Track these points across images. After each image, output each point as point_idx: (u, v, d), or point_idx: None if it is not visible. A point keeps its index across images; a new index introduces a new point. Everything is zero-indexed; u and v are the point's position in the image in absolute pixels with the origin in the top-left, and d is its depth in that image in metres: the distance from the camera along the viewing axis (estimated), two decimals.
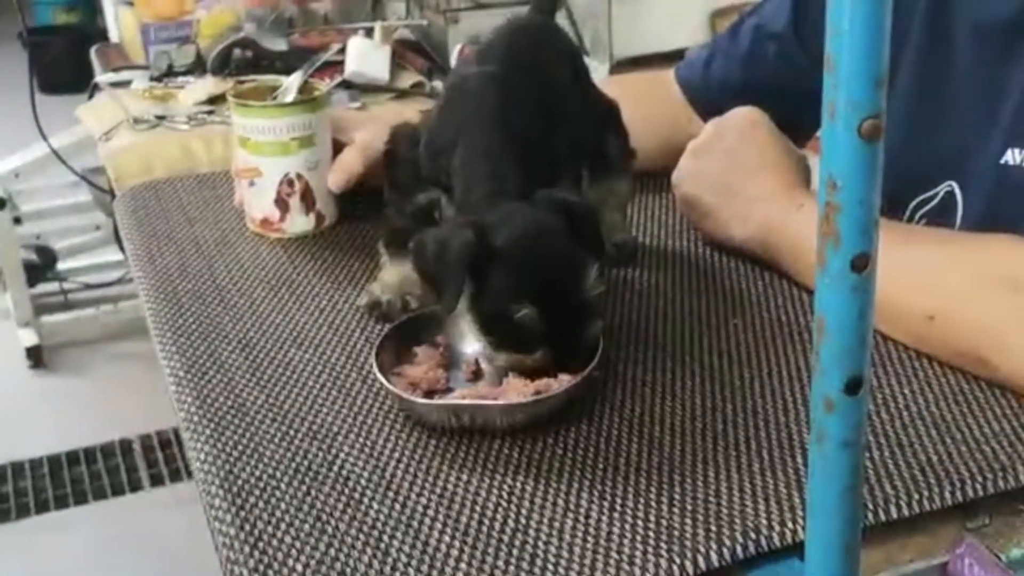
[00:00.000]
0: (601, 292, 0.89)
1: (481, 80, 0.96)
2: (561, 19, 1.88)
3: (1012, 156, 1.03)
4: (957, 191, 1.11)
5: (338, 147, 1.22)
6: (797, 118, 1.21)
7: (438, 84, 1.70)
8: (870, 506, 0.78)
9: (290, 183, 1.19)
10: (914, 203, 1.14)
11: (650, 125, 1.18)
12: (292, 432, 0.88)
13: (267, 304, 1.08)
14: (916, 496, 0.78)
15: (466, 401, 0.88)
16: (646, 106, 1.11)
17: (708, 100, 1.31)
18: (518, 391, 0.87)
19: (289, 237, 1.21)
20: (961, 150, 1.10)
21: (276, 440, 0.87)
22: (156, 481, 2.62)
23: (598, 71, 1.80)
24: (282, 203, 1.19)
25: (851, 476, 0.65)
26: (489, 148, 0.92)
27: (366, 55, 1.66)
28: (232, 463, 0.85)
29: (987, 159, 1.06)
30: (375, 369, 0.90)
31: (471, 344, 0.95)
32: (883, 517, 0.78)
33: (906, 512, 0.78)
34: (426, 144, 0.97)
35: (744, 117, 1.15)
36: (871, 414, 0.88)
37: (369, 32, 1.73)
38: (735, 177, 1.12)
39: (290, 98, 1.21)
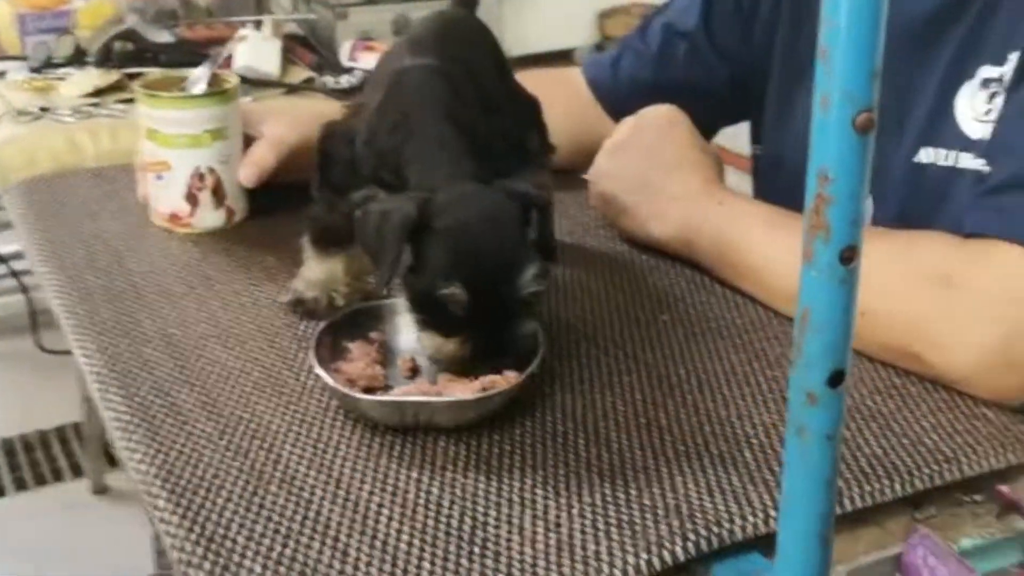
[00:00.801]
0: (537, 292, 0.86)
1: (424, 73, 0.94)
2: None
3: (926, 155, 1.06)
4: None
5: (247, 141, 1.19)
6: (706, 115, 1.22)
7: (329, 79, 1.67)
8: None
9: (201, 177, 1.15)
10: None
11: (559, 122, 1.18)
12: (230, 431, 0.86)
13: (185, 300, 1.04)
14: (868, 488, 0.80)
15: (413, 398, 0.86)
16: (555, 103, 1.10)
17: (617, 98, 1.32)
18: (464, 388, 0.86)
19: (198, 232, 1.17)
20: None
21: (215, 440, 0.84)
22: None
23: None
24: (192, 197, 1.16)
25: (830, 469, 0.65)
26: (444, 138, 0.90)
27: (256, 49, 1.62)
28: (171, 463, 0.82)
29: (899, 159, 1.09)
30: (316, 366, 0.88)
31: (407, 340, 0.93)
32: (836, 510, 0.79)
33: (859, 504, 0.79)
34: (366, 142, 0.94)
35: (662, 115, 1.16)
36: None
37: (258, 26, 1.69)
38: (654, 175, 1.13)
39: (199, 90, 1.17)
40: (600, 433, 0.86)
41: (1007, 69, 1.01)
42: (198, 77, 1.18)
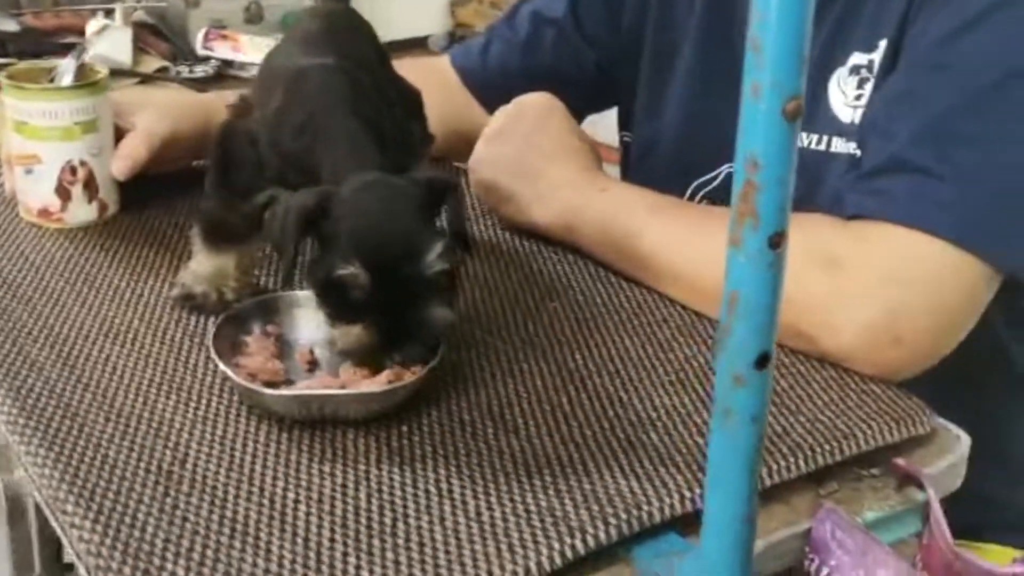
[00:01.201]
0: (441, 272, 0.84)
1: (324, 72, 0.92)
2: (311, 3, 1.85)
3: (801, 140, 1.10)
4: None
5: (117, 133, 1.16)
6: (575, 102, 1.24)
7: (183, 69, 1.63)
8: None
9: (72, 170, 1.11)
10: (696, 183, 1.20)
11: (431, 110, 1.18)
12: (131, 431, 0.83)
13: (66, 297, 1.01)
14: (775, 466, 0.82)
15: (319, 391, 0.85)
16: (425, 92, 1.10)
17: (487, 86, 1.33)
18: (368, 381, 0.85)
19: (70, 227, 1.13)
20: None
21: (117, 441, 0.82)
22: None
23: None
24: (63, 191, 1.12)
25: (755, 450, 0.67)
26: (352, 136, 0.89)
27: (107, 39, 1.57)
28: (76, 467, 0.79)
29: None
30: (218, 361, 0.86)
31: (305, 333, 0.92)
32: None
33: (768, 482, 0.81)
34: (271, 143, 0.92)
35: (540, 103, 1.17)
36: (708, 389, 0.91)
37: (108, 14, 1.64)
38: (534, 162, 1.14)
39: (67, 81, 1.13)
40: (507, 420, 0.87)
41: (876, 56, 1.05)
42: (65, 68, 1.14)
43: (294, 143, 0.91)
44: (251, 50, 1.63)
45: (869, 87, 1.06)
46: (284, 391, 0.86)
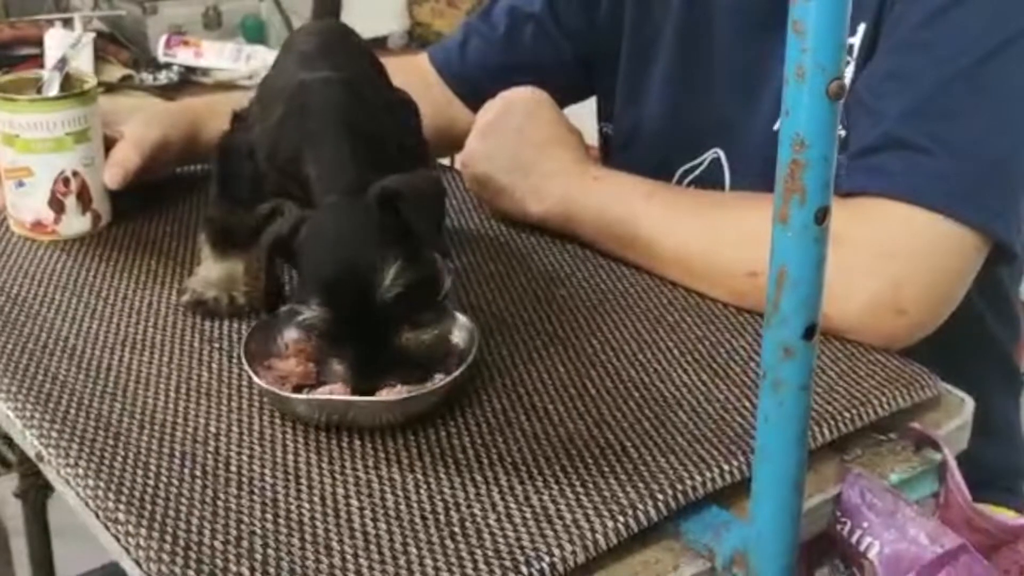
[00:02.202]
0: (401, 294, 0.83)
1: (323, 86, 0.93)
2: (269, 6, 1.85)
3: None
4: (723, 157, 1.20)
5: (106, 142, 1.15)
6: (554, 95, 1.25)
7: (147, 76, 1.62)
8: None
9: (65, 182, 1.11)
10: (681, 170, 1.22)
11: None
12: (168, 437, 0.84)
13: (76, 309, 1.01)
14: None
15: (337, 397, 0.85)
16: (407, 90, 1.11)
17: (467, 82, 1.34)
18: (392, 389, 0.85)
19: (64, 239, 1.12)
20: (726, 119, 1.19)
21: (156, 448, 0.83)
22: None
23: None
24: (57, 203, 1.11)
25: (804, 418, 0.70)
26: (342, 151, 0.89)
27: (67, 47, 1.55)
28: (119, 476, 0.79)
29: (755, 128, 1.16)
30: (245, 363, 0.87)
31: None
32: None
33: None
34: (269, 156, 0.93)
35: (528, 97, 1.19)
36: (724, 365, 0.94)
37: (66, 23, 1.62)
38: (527, 154, 1.16)
39: (54, 91, 1.12)
40: (538, 408, 0.88)
41: (856, 39, 1.08)
42: (50, 79, 1.13)
43: (289, 156, 0.91)
44: (213, 56, 1.63)
45: (850, 70, 1.09)
46: (304, 395, 0.87)
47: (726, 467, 0.81)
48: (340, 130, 0.90)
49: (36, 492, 1.51)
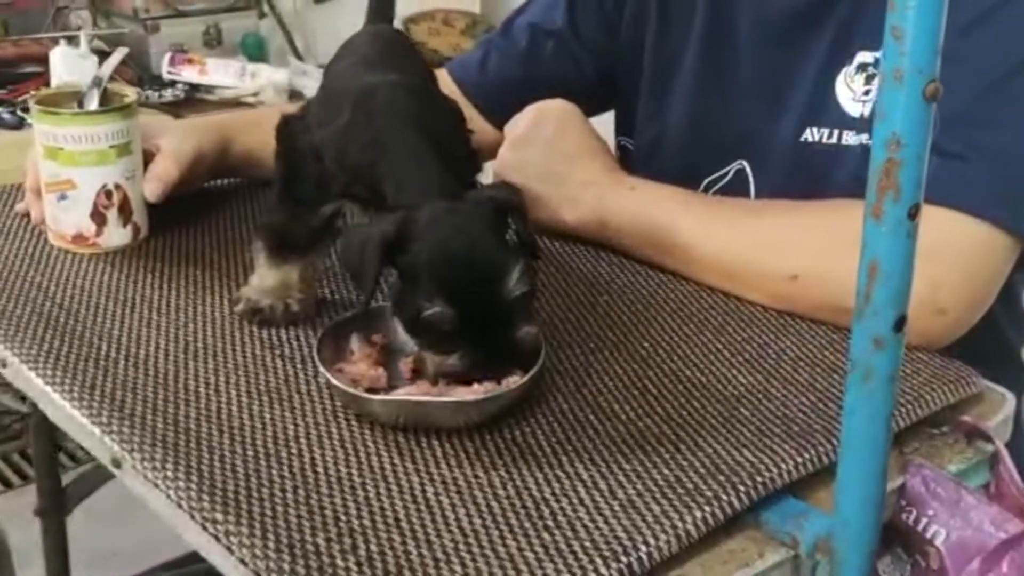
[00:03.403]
0: (525, 293, 0.87)
1: (391, 90, 0.95)
2: (272, 24, 1.87)
3: (811, 134, 1.17)
4: (748, 169, 1.23)
5: (144, 156, 1.16)
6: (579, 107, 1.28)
7: (152, 94, 1.63)
8: (829, 447, 0.86)
9: (108, 194, 1.12)
10: (706, 181, 1.25)
11: None
12: (249, 441, 0.85)
13: (131, 320, 1.02)
14: None
15: (415, 397, 0.87)
16: None
17: (488, 96, 1.37)
18: (466, 389, 0.87)
19: (105, 252, 1.13)
20: (750, 131, 1.22)
21: (239, 451, 0.84)
22: None
23: (314, 75, 1.80)
24: (99, 216, 1.12)
25: (890, 409, 0.73)
26: (418, 153, 0.91)
27: (73, 66, 1.56)
28: (209, 478, 0.80)
29: (781, 138, 1.19)
30: (320, 366, 0.88)
31: (409, 341, 0.93)
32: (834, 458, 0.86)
33: None
34: (337, 158, 0.94)
35: (559, 108, 1.22)
36: (775, 365, 0.97)
37: (70, 41, 1.63)
38: (560, 165, 1.18)
39: (93, 106, 1.13)
40: (605, 408, 0.91)
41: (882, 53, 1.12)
42: (90, 93, 1.14)
43: (360, 158, 0.93)
44: (218, 74, 1.64)
45: (877, 82, 1.13)
46: (382, 395, 0.88)
47: (799, 459, 0.84)
48: (416, 133, 0.92)
49: (55, 511, 1.50)
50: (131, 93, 1.15)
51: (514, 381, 0.87)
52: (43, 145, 1.10)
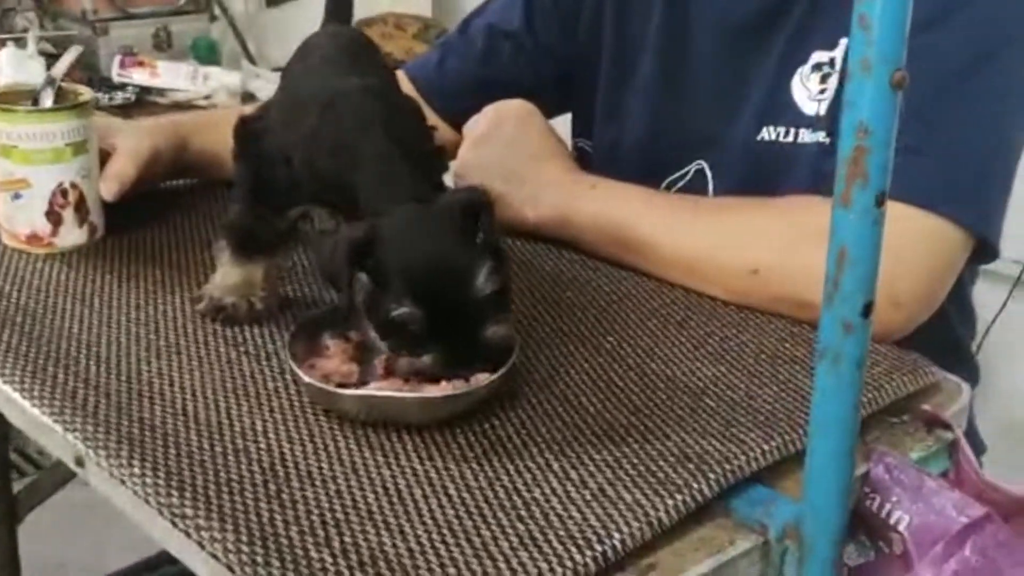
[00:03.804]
0: (494, 292, 0.87)
1: (359, 94, 0.95)
2: (223, 27, 1.85)
3: (768, 133, 1.18)
4: (707, 168, 1.24)
5: (101, 156, 1.15)
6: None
7: (102, 96, 1.61)
8: (795, 435, 0.87)
9: (64, 193, 1.10)
10: (666, 181, 1.26)
11: None
12: (217, 437, 0.85)
13: (91, 319, 1.01)
14: None
15: (383, 393, 0.87)
16: None
17: (445, 97, 1.37)
18: (436, 387, 0.87)
19: (60, 252, 1.12)
20: (708, 131, 1.24)
21: (207, 447, 0.84)
22: None
23: (269, 79, 1.79)
24: (55, 215, 1.11)
25: (859, 393, 0.74)
26: (386, 157, 0.91)
27: (21, 67, 1.54)
28: (178, 474, 0.80)
29: (738, 138, 1.20)
30: (291, 362, 0.88)
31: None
32: (802, 445, 0.87)
33: None
34: (306, 164, 0.94)
35: (519, 108, 1.23)
36: (736, 358, 0.98)
37: (18, 43, 1.61)
38: (521, 164, 1.19)
39: (49, 104, 1.12)
40: (573, 400, 0.91)
41: (837, 53, 1.14)
42: (44, 91, 1.13)
43: (330, 164, 0.92)
44: (169, 76, 1.63)
45: (832, 81, 1.15)
46: (350, 391, 0.88)
47: (766, 447, 0.85)
48: (385, 138, 0.92)
49: (7, 519, 1.47)
50: (86, 92, 1.14)
51: (484, 378, 0.87)
52: None
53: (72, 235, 1.12)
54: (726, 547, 0.78)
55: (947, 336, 1.27)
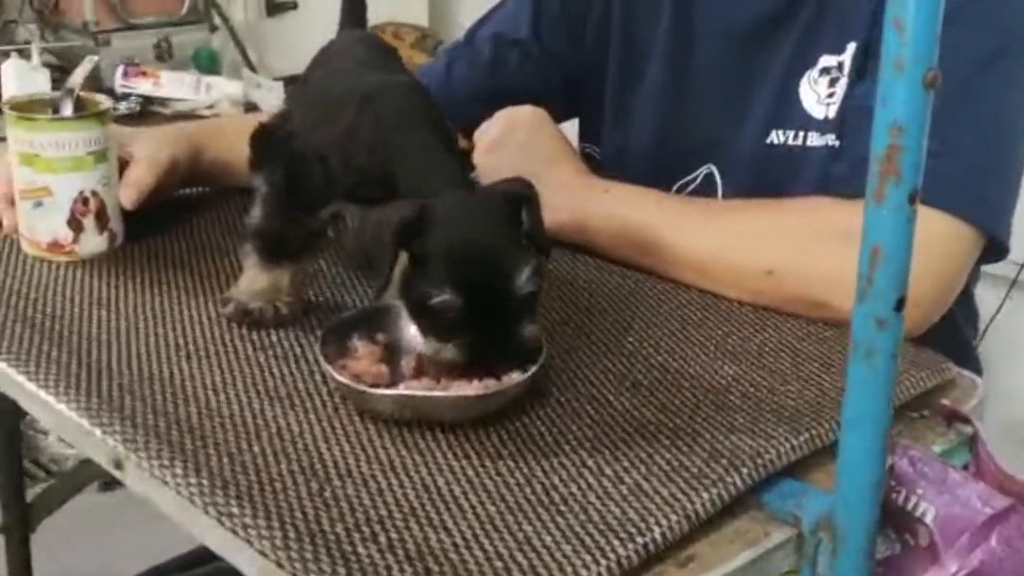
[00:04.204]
0: (532, 292, 0.88)
1: (398, 88, 0.96)
2: (224, 37, 1.86)
3: (776, 136, 1.20)
4: (716, 172, 1.26)
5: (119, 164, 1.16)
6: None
7: None
8: (822, 430, 0.89)
9: (85, 201, 1.11)
10: (676, 186, 1.28)
11: None
12: (255, 440, 0.86)
13: (119, 325, 1.02)
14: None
15: (417, 392, 0.88)
16: None
17: (453, 105, 1.37)
18: (468, 386, 0.88)
19: (81, 259, 1.13)
20: (717, 135, 1.26)
21: (246, 447, 0.85)
22: None
23: (270, 88, 1.80)
24: (76, 223, 1.11)
25: (892, 386, 0.76)
26: (430, 148, 0.93)
27: (25, 78, 1.55)
28: (220, 473, 0.81)
29: (746, 142, 1.23)
30: (324, 362, 0.89)
31: (414, 340, 0.94)
32: (830, 439, 0.89)
33: None
34: (343, 159, 0.94)
35: (530, 114, 1.25)
36: (757, 356, 1.00)
37: (21, 54, 1.61)
38: (535, 168, 1.20)
39: (68, 112, 1.12)
40: (600, 398, 0.93)
41: (845, 57, 1.17)
42: (63, 100, 1.14)
43: (370, 158, 0.93)
44: (172, 86, 1.64)
45: (840, 85, 1.17)
46: (385, 391, 0.89)
47: (795, 442, 0.87)
48: (427, 130, 0.94)
49: (19, 527, 1.47)
50: (104, 101, 1.15)
51: (516, 377, 0.88)
52: (18, 152, 1.10)
53: (93, 243, 1.13)
54: (762, 539, 0.80)
55: (954, 335, 1.29)
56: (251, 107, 1.72)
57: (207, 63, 1.89)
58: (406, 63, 1.26)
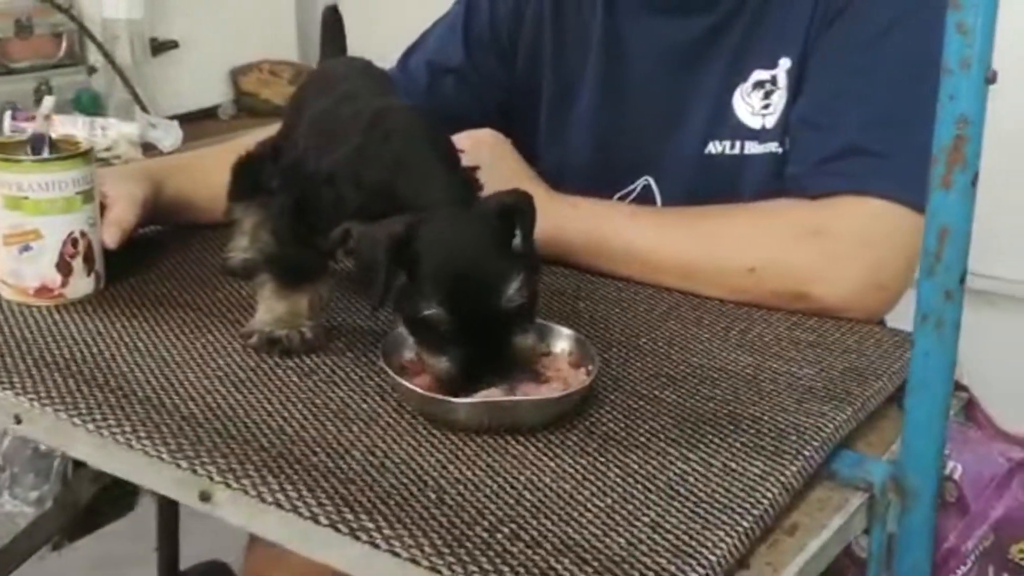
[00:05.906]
0: (522, 303, 0.91)
1: (403, 111, 1.00)
2: (105, 78, 1.80)
3: (714, 147, 1.29)
4: (653, 184, 1.34)
5: None
6: None
7: None
8: (857, 405, 0.97)
9: (74, 243, 1.09)
10: (615, 197, 1.35)
11: None
12: (345, 456, 0.87)
13: (150, 362, 1.00)
14: (867, 392, 0.99)
15: (503, 399, 0.91)
16: None
17: None
18: (537, 391, 0.93)
19: (68, 302, 1.10)
20: (652, 148, 1.33)
21: (344, 467, 0.86)
22: None
23: (167, 127, 1.76)
24: (65, 265, 1.09)
25: (955, 351, 0.85)
26: (434, 165, 0.96)
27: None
28: (338, 494, 0.82)
29: (684, 153, 1.30)
30: (397, 378, 0.91)
31: None
32: (865, 414, 0.97)
33: (874, 404, 0.98)
34: (355, 181, 0.96)
35: (491, 135, 1.29)
36: (772, 347, 1.07)
37: None
38: (501, 188, 1.24)
39: (45, 154, 1.09)
40: (646, 395, 0.98)
41: (779, 71, 1.26)
42: (38, 142, 1.10)
43: (380, 176, 0.96)
44: (65, 128, 1.59)
45: (776, 97, 1.26)
46: (468, 399, 0.91)
47: (842, 416, 0.94)
48: (432, 149, 0.98)
49: None
50: (82, 140, 1.12)
51: (583, 378, 0.93)
52: (4, 195, 1.06)
53: (81, 285, 1.11)
54: (844, 505, 0.87)
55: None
56: (148, 147, 1.67)
57: (89, 105, 1.83)
58: (287, 99, 1.29)
